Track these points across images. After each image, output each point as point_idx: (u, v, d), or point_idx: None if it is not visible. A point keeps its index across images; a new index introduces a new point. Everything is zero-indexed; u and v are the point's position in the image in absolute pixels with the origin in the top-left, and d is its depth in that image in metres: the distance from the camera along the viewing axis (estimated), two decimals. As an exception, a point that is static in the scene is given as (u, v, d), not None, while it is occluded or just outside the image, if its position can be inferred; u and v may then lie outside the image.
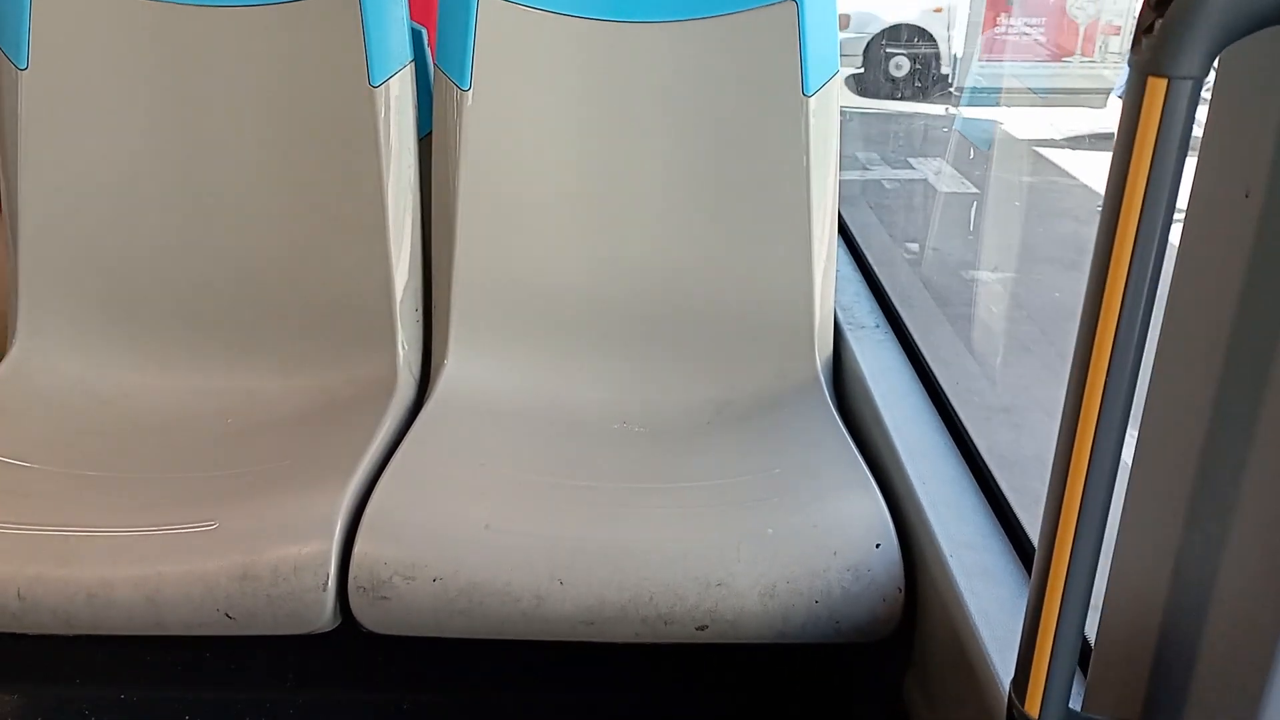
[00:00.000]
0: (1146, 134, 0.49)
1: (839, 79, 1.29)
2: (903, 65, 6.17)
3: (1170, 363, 0.60)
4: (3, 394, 1.23)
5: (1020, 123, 5.07)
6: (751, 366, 1.30)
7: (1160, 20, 0.49)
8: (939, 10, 6.15)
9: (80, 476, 1.11)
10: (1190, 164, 0.54)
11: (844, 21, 5.58)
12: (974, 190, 4.37)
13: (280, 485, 1.08)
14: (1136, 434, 0.62)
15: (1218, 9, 0.46)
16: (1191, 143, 0.52)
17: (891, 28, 6.23)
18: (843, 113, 1.28)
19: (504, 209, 1.31)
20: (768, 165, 1.29)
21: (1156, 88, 0.49)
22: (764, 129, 1.29)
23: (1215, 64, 0.51)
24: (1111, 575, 0.67)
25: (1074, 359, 0.53)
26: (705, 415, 1.27)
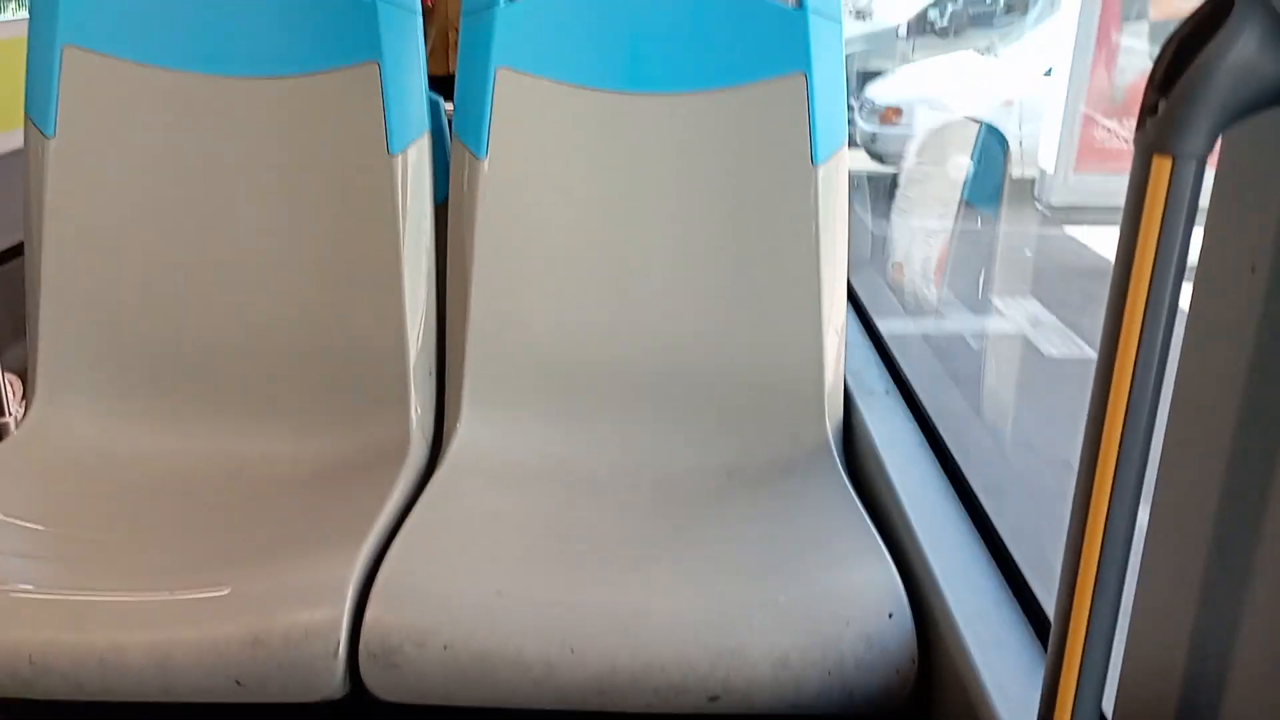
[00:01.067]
0: (1153, 212, 0.50)
1: (846, 149, 1.31)
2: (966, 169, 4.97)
3: (1181, 438, 0.60)
4: (21, 457, 1.24)
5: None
6: (762, 432, 1.30)
7: (1164, 101, 0.50)
8: (1010, 104, 4.67)
9: (94, 540, 1.12)
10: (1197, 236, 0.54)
11: (893, 116, 4.81)
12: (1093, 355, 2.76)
13: (292, 550, 1.08)
14: (1149, 511, 0.62)
15: (1220, 92, 0.48)
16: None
17: (955, 123, 4.88)
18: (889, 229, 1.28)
19: (518, 274, 1.32)
20: (778, 233, 1.31)
21: (1162, 166, 0.50)
22: (774, 198, 1.31)
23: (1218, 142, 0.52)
24: (1127, 650, 0.67)
25: (1085, 435, 0.54)
26: (716, 480, 1.27)
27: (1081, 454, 0.54)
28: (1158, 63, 0.51)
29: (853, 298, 1.66)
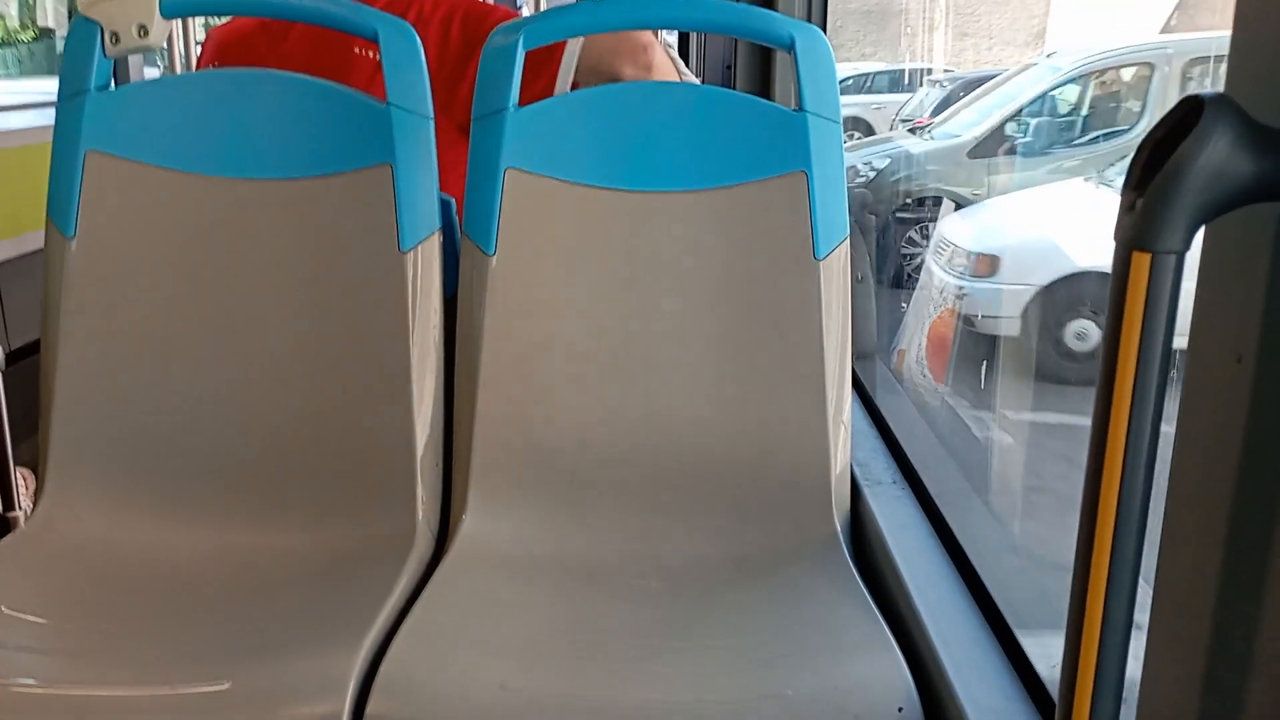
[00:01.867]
0: (1135, 307, 0.51)
1: (848, 244, 1.34)
2: (1088, 335, 3.40)
3: (1177, 530, 0.61)
4: (28, 550, 1.25)
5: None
6: (769, 523, 1.30)
7: (1140, 200, 0.52)
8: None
9: (98, 633, 1.11)
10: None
11: (988, 266, 3.61)
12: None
13: (295, 644, 1.08)
14: (1149, 613, 0.62)
15: (1194, 191, 0.50)
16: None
17: (1074, 276, 3.40)
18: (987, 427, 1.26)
19: (524, 367, 1.34)
20: (782, 326, 1.33)
21: (1141, 262, 0.52)
22: (778, 292, 1.33)
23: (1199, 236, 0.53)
24: None
25: (1079, 537, 0.54)
26: (723, 571, 1.27)
27: (1076, 555, 0.54)
28: (1133, 162, 0.53)
29: (858, 387, 1.67)
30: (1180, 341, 0.54)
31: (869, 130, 9.11)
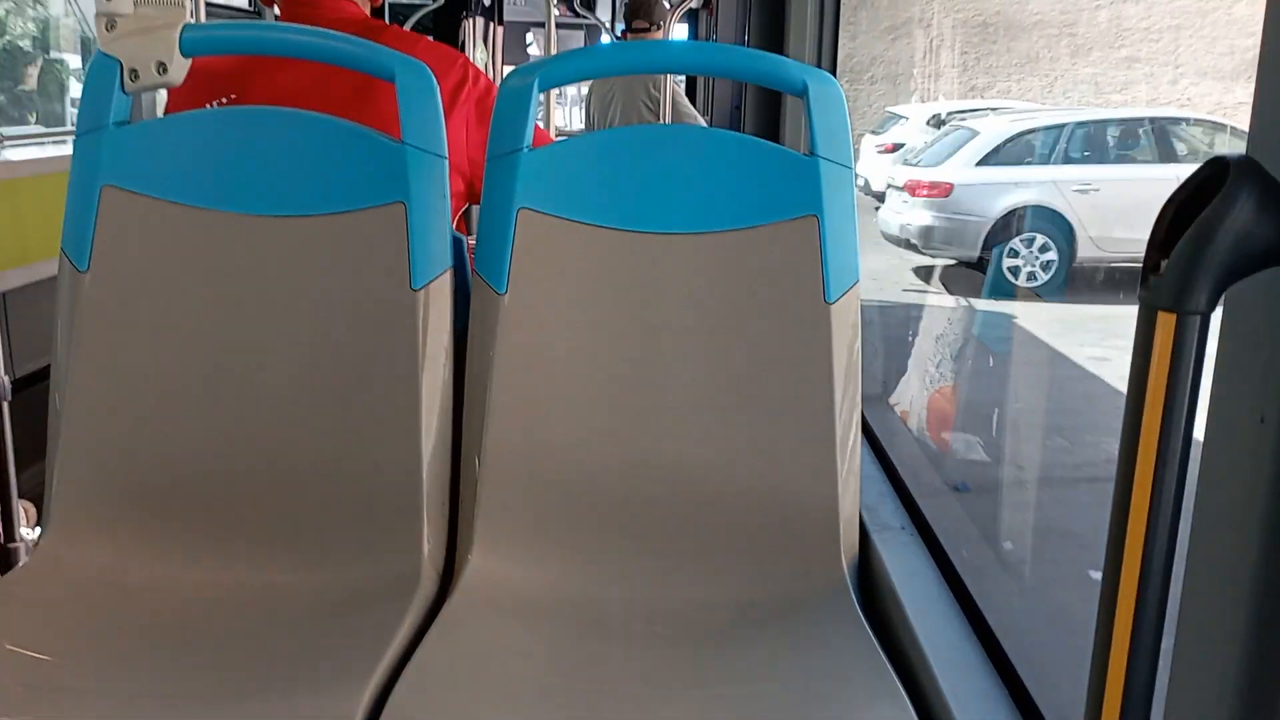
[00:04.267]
0: (1160, 366, 0.51)
1: (859, 288, 1.34)
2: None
3: (1199, 592, 0.60)
4: (31, 585, 1.24)
5: None
6: (776, 568, 1.29)
7: (1165, 261, 0.52)
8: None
9: (101, 672, 1.10)
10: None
11: None
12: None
13: (299, 684, 1.07)
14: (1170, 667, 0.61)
15: (1218, 254, 0.50)
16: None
17: None
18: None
19: (534, 408, 1.34)
20: (792, 369, 1.33)
21: (1166, 322, 0.52)
22: (788, 335, 1.33)
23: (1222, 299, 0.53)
24: None
25: (1101, 599, 0.54)
26: (730, 617, 1.26)
27: (1098, 618, 0.54)
28: (1158, 223, 0.53)
29: (867, 432, 1.67)
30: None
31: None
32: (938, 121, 7.69)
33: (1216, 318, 0.56)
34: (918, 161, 6.43)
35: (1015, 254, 4.76)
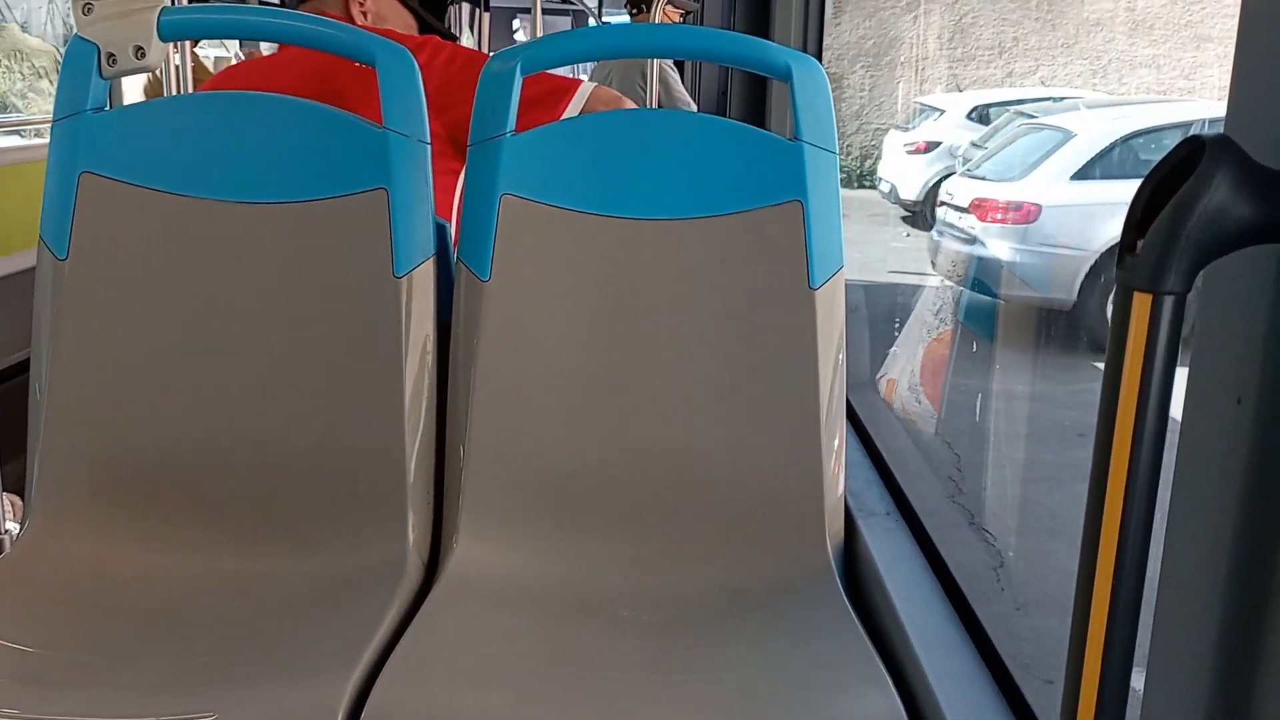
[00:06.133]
0: (1136, 346, 0.51)
1: (842, 274, 1.34)
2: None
3: (1177, 573, 0.60)
4: (13, 576, 1.23)
5: None
6: (762, 554, 1.29)
7: (1141, 241, 0.52)
8: None
9: (84, 662, 1.10)
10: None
11: None
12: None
13: (283, 673, 1.07)
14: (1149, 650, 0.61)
15: (1194, 234, 0.49)
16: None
17: None
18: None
19: (518, 394, 1.33)
20: (776, 355, 1.32)
21: (1143, 302, 0.52)
22: (772, 321, 1.33)
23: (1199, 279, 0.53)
24: None
25: (1078, 578, 0.54)
26: (716, 603, 1.26)
27: (1076, 598, 0.54)
28: (1134, 203, 0.53)
29: (852, 417, 1.67)
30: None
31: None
32: (982, 115, 6.38)
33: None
34: (979, 171, 4.98)
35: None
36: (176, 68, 1.87)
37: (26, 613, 1.17)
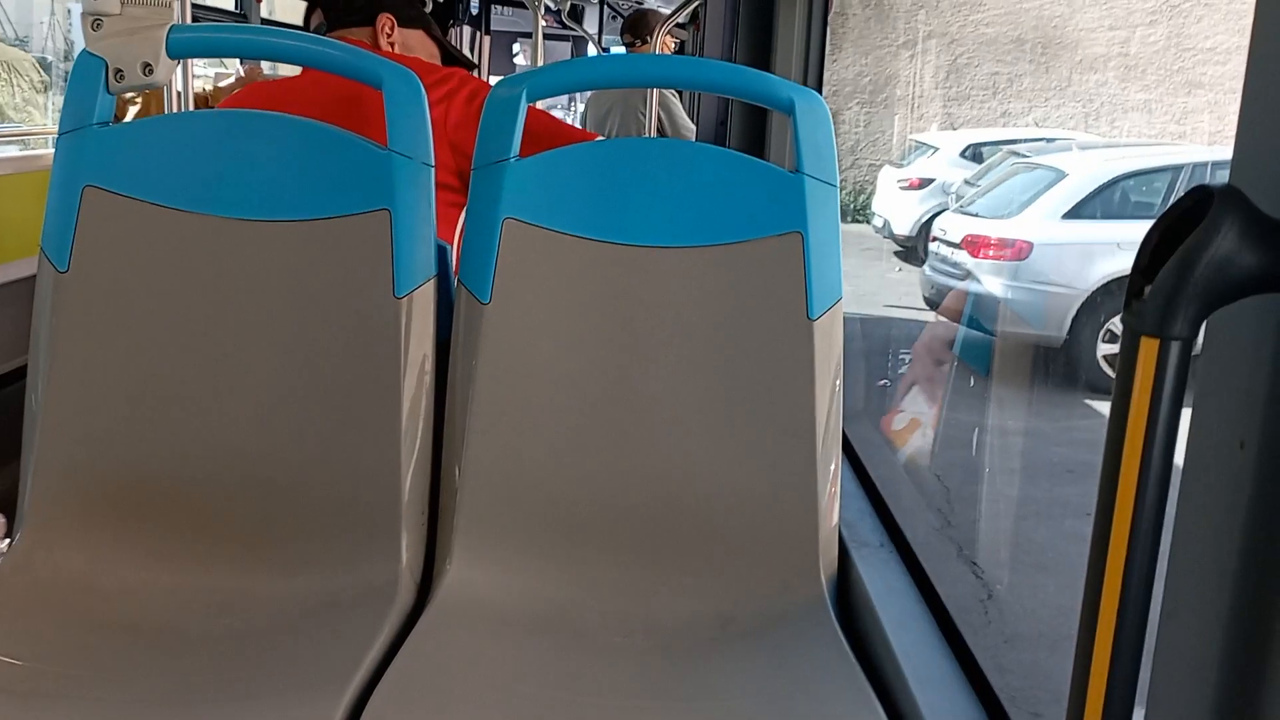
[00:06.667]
0: (1143, 389, 0.52)
1: (841, 305, 1.35)
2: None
3: (1178, 613, 0.61)
4: (3, 588, 1.22)
5: None
6: (756, 582, 1.29)
7: (1149, 287, 0.52)
8: None
9: (72, 678, 1.09)
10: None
11: None
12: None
13: (274, 693, 1.06)
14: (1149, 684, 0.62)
15: (1201, 281, 0.50)
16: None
17: None
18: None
19: (515, 418, 1.34)
20: (773, 385, 1.33)
21: (1149, 347, 0.52)
22: (770, 350, 1.33)
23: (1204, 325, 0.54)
24: None
25: (1081, 618, 0.54)
26: (709, 631, 1.26)
27: (1078, 643, 0.54)
28: (1142, 249, 0.54)
29: (847, 449, 1.68)
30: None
31: None
32: (975, 154, 6.55)
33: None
34: (972, 208, 5.06)
35: (1116, 339, 3.68)
36: (178, 92, 1.87)
37: (16, 625, 1.16)
